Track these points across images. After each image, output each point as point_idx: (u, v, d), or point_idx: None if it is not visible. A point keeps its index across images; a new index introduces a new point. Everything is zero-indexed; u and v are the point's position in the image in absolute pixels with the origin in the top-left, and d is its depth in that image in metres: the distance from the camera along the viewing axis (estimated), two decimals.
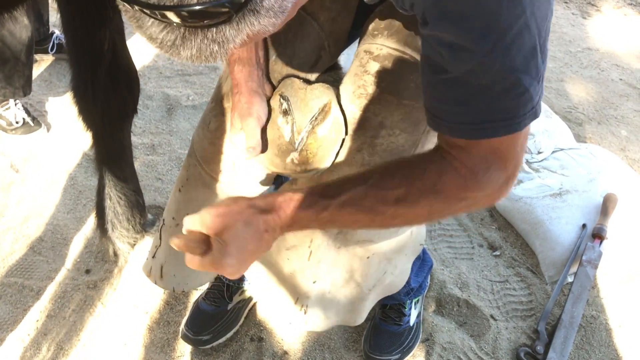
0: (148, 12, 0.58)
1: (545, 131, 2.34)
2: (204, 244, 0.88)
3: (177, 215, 1.43)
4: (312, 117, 1.16)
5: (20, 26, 2.11)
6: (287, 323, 1.41)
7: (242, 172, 1.30)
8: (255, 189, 1.34)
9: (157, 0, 0.57)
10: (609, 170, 2.18)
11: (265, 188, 1.36)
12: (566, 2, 3.91)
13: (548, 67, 3.15)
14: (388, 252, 1.34)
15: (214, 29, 0.60)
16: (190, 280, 1.50)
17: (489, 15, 0.73)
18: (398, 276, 1.45)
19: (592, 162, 2.19)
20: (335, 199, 0.91)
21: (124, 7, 0.60)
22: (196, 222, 0.88)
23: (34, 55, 2.32)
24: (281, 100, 1.19)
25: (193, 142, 1.36)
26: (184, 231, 0.90)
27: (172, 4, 0.57)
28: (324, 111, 1.16)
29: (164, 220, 1.49)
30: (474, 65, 0.77)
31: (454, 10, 0.75)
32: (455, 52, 0.78)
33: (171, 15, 0.57)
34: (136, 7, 0.58)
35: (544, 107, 2.49)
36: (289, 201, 0.91)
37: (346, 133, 1.17)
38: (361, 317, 1.46)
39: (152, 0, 0.57)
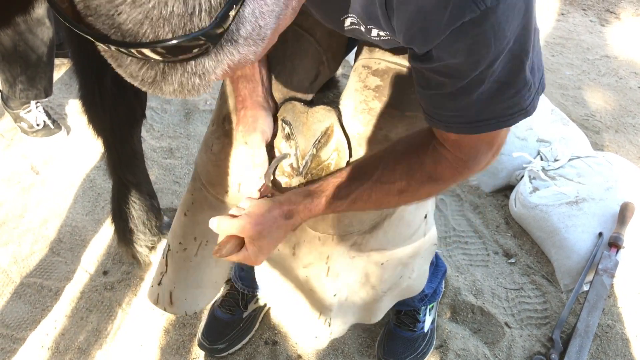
0: (125, 50, 0.58)
1: (562, 139, 2.33)
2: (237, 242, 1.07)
3: (184, 240, 1.42)
4: (315, 141, 1.16)
5: (42, 28, 2.15)
6: (313, 337, 1.40)
7: (248, 193, 1.30)
8: None
9: (132, 38, 0.56)
10: (627, 178, 2.17)
11: None
12: (584, 10, 3.89)
13: (565, 74, 3.15)
14: (403, 257, 1.35)
15: (193, 62, 0.60)
16: (200, 300, 1.50)
17: (479, 52, 0.80)
18: (416, 279, 1.45)
19: (609, 170, 2.18)
20: (346, 198, 1.05)
21: (101, 47, 0.60)
22: (234, 228, 1.05)
23: (55, 58, 2.35)
24: (283, 124, 1.19)
25: (196, 166, 1.36)
26: (216, 229, 1.07)
27: (147, 40, 0.56)
28: (326, 134, 1.16)
29: (169, 245, 1.47)
30: (465, 83, 0.84)
31: (449, 50, 0.81)
32: (446, 77, 0.86)
33: (147, 52, 0.57)
34: (112, 47, 0.58)
35: (560, 114, 2.48)
36: (308, 206, 1.07)
37: (350, 155, 1.17)
38: (377, 317, 1.47)
39: (127, 39, 0.56)
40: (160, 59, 0.58)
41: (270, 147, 1.20)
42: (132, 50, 0.57)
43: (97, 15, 0.56)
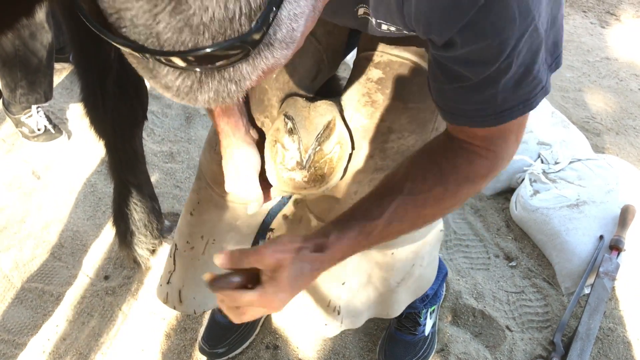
0: (162, 59, 0.56)
1: (562, 141, 2.33)
2: (245, 278, 0.91)
3: (191, 239, 1.43)
4: (318, 135, 1.17)
5: (42, 32, 2.15)
6: (323, 325, 1.41)
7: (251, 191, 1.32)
8: (265, 206, 1.36)
9: (171, 47, 0.55)
10: (627, 181, 2.17)
11: (276, 201, 1.38)
12: (585, 12, 3.89)
13: (566, 76, 3.15)
14: (412, 245, 1.35)
15: (231, 69, 0.59)
16: (210, 300, 1.51)
17: (505, 30, 0.77)
18: (427, 267, 1.45)
19: (610, 173, 2.18)
20: (379, 219, 0.94)
21: (135, 59, 0.59)
22: (248, 258, 0.89)
23: (55, 63, 2.36)
24: (286, 119, 1.20)
25: (201, 165, 1.37)
26: (221, 264, 0.90)
27: (185, 49, 0.55)
28: (329, 128, 1.17)
29: (176, 245, 1.48)
30: (490, 72, 0.81)
31: (473, 33, 0.77)
32: (472, 66, 0.82)
33: (186, 60, 0.56)
34: (148, 57, 0.56)
35: (561, 117, 2.48)
36: (338, 239, 0.93)
37: (353, 148, 1.18)
38: (394, 310, 1.46)
39: (166, 47, 0.55)
40: (199, 66, 0.57)
41: (262, 177, 1.24)
42: (171, 59, 0.56)
43: (133, 25, 0.54)
